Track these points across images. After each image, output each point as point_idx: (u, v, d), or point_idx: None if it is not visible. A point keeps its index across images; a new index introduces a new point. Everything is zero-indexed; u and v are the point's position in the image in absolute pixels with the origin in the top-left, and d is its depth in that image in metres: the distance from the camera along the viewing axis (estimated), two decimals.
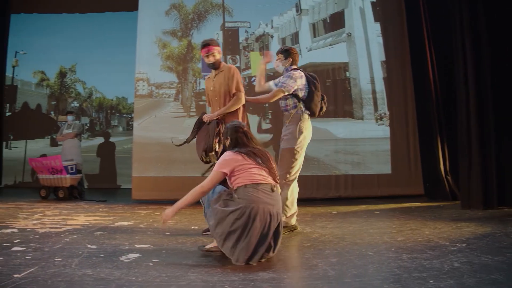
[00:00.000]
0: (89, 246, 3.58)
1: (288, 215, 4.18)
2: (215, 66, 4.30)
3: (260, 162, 3.13)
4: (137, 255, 3.23)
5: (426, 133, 7.02)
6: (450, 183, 6.64)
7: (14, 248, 3.44)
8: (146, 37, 7.67)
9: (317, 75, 4.42)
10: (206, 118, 4.23)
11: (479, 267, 2.76)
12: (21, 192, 8.98)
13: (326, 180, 7.34)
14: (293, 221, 4.25)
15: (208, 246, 3.31)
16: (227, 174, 3.13)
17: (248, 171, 3.09)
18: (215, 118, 4.14)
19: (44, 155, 10.29)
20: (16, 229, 4.35)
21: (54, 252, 3.33)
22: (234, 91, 4.18)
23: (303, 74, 4.29)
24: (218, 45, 4.35)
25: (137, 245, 3.61)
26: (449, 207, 5.87)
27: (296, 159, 4.18)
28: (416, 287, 2.40)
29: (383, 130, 7.47)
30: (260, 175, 3.10)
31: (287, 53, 4.38)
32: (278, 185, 3.22)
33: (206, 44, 4.25)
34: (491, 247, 3.36)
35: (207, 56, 4.25)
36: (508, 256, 3.04)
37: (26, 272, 2.72)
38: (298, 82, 4.21)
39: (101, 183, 10.13)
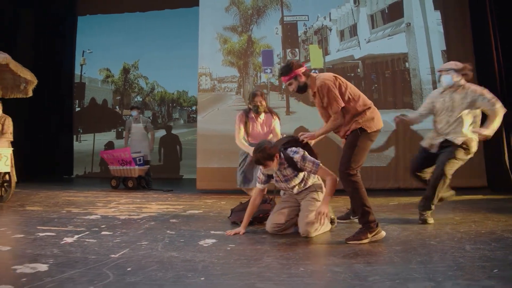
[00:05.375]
0: (168, 231, 3.90)
1: None
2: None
3: None
4: (214, 240, 3.51)
5: None
6: None
7: (103, 233, 3.83)
8: (207, 33, 8.00)
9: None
10: None
11: None
12: (91, 181, 9.62)
13: (385, 171, 7.37)
14: None
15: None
16: None
17: None
18: None
19: (110, 143, 11.04)
20: (99, 216, 4.78)
21: (138, 236, 3.67)
22: None
23: None
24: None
25: (212, 232, 3.89)
26: None
27: None
28: (480, 275, 2.48)
29: None
30: None
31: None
32: None
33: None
34: None
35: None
36: None
37: (120, 253, 3.05)
38: None
39: (165, 173, 10.66)
